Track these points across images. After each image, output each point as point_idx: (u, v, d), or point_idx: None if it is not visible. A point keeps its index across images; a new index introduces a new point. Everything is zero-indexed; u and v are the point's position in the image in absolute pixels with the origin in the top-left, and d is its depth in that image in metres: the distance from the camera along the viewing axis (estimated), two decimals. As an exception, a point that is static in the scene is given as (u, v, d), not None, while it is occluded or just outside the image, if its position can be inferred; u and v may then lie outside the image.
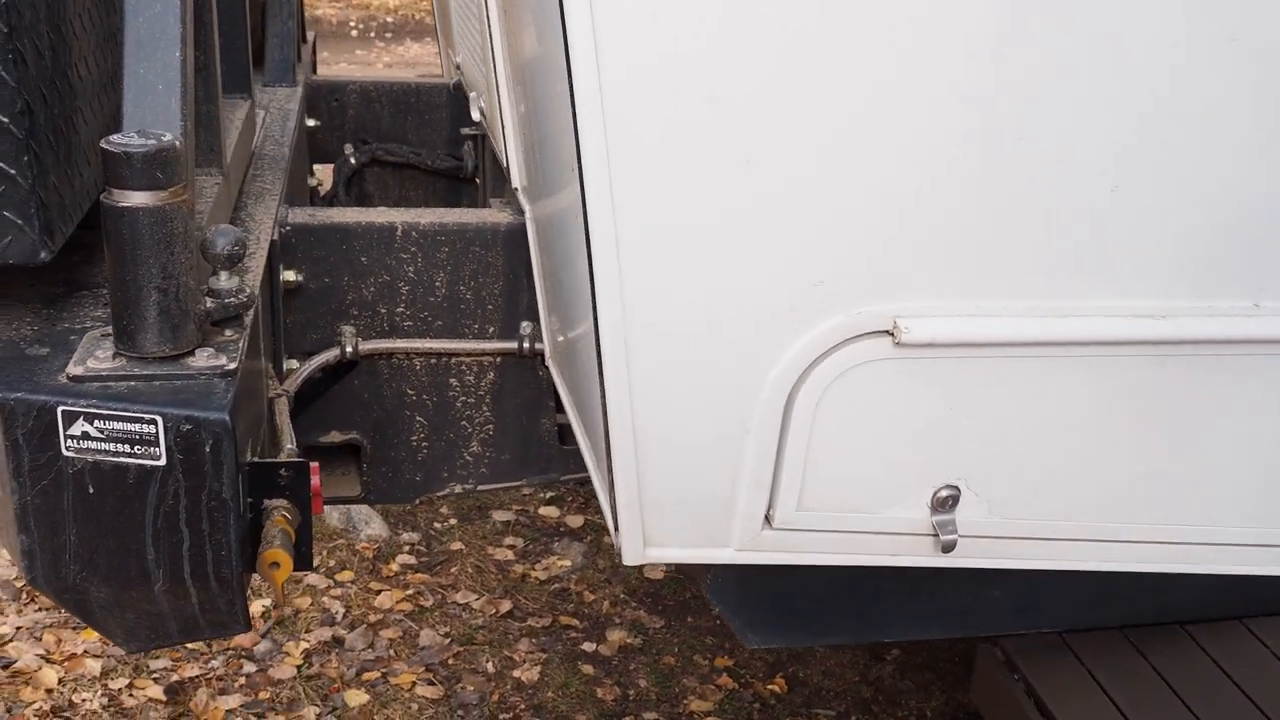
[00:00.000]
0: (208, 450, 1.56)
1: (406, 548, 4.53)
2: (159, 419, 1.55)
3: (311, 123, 3.87)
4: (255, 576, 1.77)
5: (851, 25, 1.51)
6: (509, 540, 4.63)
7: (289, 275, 2.40)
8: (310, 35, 4.62)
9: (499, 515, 4.78)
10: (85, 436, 1.56)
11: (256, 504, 1.81)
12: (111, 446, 1.57)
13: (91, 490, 1.58)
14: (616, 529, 1.78)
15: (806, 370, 1.68)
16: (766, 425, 1.71)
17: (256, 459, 1.87)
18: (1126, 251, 1.70)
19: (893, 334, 1.68)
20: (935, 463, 1.80)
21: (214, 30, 2.07)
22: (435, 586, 4.32)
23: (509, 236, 2.47)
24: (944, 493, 1.82)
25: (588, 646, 4.05)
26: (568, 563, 4.50)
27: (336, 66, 13.60)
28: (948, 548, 1.83)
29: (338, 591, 4.23)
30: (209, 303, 1.70)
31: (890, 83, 1.55)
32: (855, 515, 1.82)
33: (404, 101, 4.05)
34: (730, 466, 1.75)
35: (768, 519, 1.80)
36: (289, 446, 2.10)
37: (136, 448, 1.57)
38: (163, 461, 1.57)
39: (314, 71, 4.62)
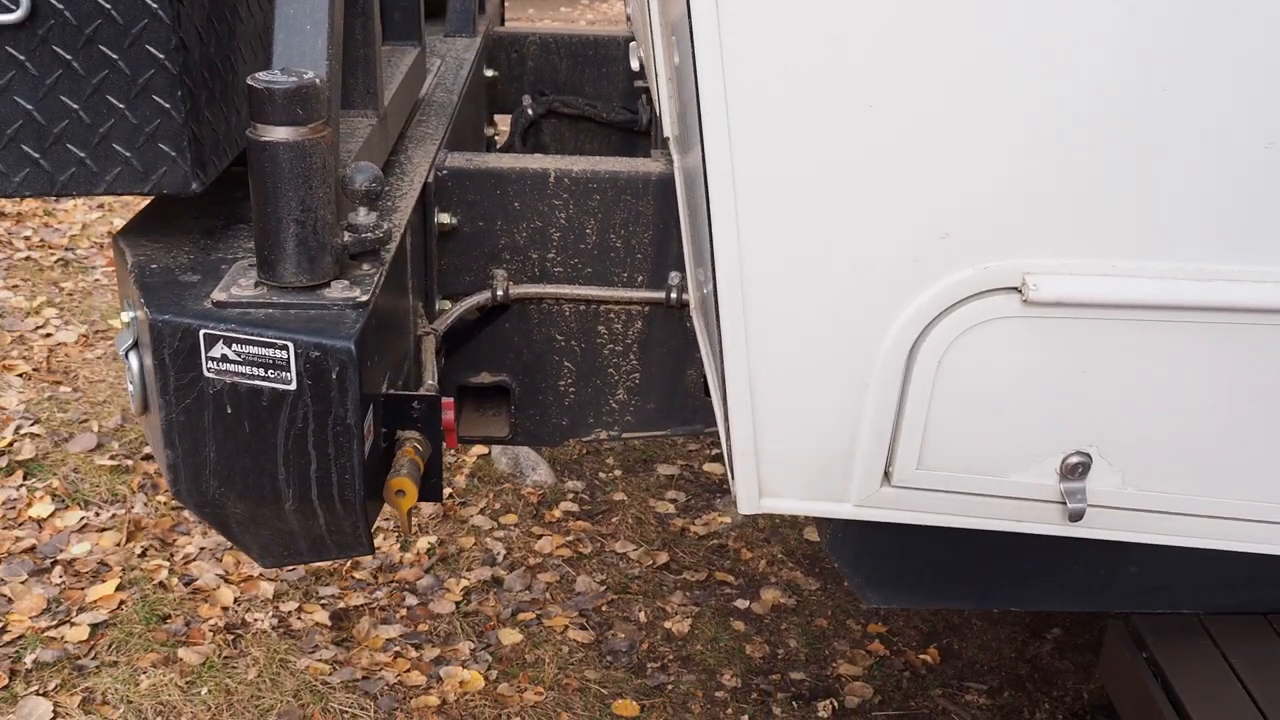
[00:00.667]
0: (334, 377, 1.63)
1: (570, 495, 4.61)
2: (290, 345, 1.62)
3: (490, 73, 3.94)
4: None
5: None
6: (671, 494, 4.67)
7: (444, 218, 2.46)
8: (499, -12, 4.71)
9: (663, 469, 4.82)
10: (224, 359, 1.65)
11: (390, 434, 1.88)
12: (248, 369, 1.65)
13: (229, 410, 1.67)
14: (733, 476, 1.78)
15: (930, 324, 1.65)
16: (887, 379, 1.68)
17: (394, 391, 1.93)
18: (1280, 214, 1.60)
19: (1021, 291, 1.62)
20: (1065, 428, 1.74)
21: (373, -24, 2.13)
22: (595, 535, 4.39)
23: (660, 186, 2.47)
24: (1074, 459, 1.76)
25: (741, 603, 4.06)
26: (728, 520, 4.52)
27: (540, 23, 13.78)
28: (1075, 516, 1.76)
29: (500, 534, 4.34)
30: (347, 237, 1.76)
31: (1023, 23, 1.49)
32: (979, 477, 1.77)
33: (582, 54, 4.08)
34: (849, 419, 1.72)
35: (887, 475, 1.77)
36: (429, 382, 2.16)
37: (270, 371, 1.64)
38: (293, 386, 1.64)
39: (501, 23, 4.70)
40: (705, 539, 4.42)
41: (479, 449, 4.81)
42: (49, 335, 5.39)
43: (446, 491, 4.56)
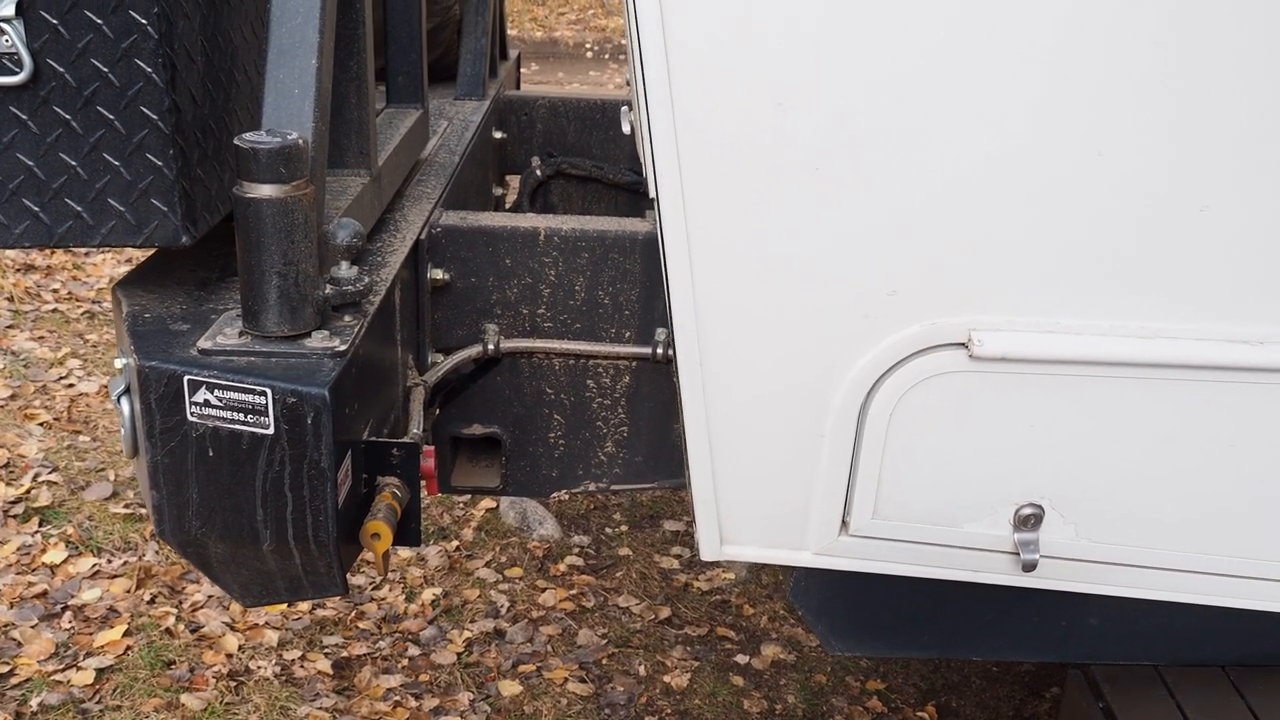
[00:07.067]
0: (309, 422, 1.70)
1: (576, 550, 4.66)
2: (269, 391, 1.70)
3: (499, 135, 4.04)
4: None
5: (914, 36, 1.53)
6: (676, 550, 4.71)
7: (437, 274, 2.53)
8: (514, 53, 4.83)
9: (670, 525, 4.87)
10: (207, 404, 1.73)
11: (371, 480, 1.95)
12: (228, 414, 1.73)
13: (211, 453, 1.74)
14: (694, 523, 1.84)
15: (880, 379, 1.71)
16: (841, 431, 1.74)
17: (373, 438, 2.01)
18: (1218, 274, 1.66)
19: (967, 346, 1.69)
20: (1017, 480, 1.79)
21: (367, 43, 2.22)
22: (599, 589, 4.44)
23: (647, 245, 2.54)
24: (1026, 511, 1.81)
25: (741, 659, 4.09)
26: (731, 576, 4.55)
27: (570, 87, 14.01)
28: (1028, 567, 1.81)
29: (505, 586, 4.40)
30: (328, 289, 1.84)
31: (959, 88, 1.57)
32: (934, 528, 1.82)
33: (589, 117, 4.19)
34: (805, 470, 1.78)
35: (845, 524, 1.83)
36: (414, 431, 2.23)
37: (249, 416, 1.72)
38: (271, 430, 1.72)
39: (517, 87, 4.82)
40: (708, 594, 4.46)
41: (487, 502, 4.87)
42: (71, 386, 5.51)
43: (454, 544, 4.62)
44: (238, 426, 1.73)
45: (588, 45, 16.85)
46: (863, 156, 1.59)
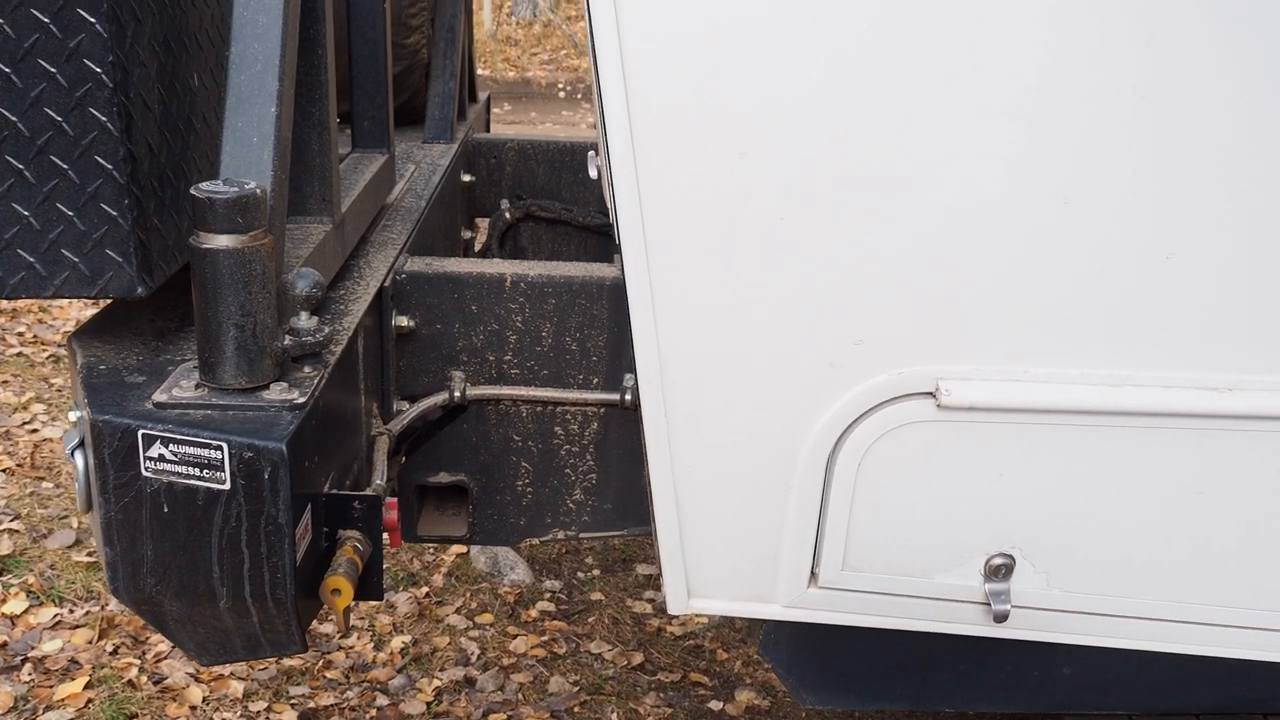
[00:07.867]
0: (266, 477, 1.66)
1: (548, 595, 4.61)
2: (225, 445, 1.66)
3: (467, 178, 4.03)
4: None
5: (880, 89, 1.52)
6: (649, 594, 4.66)
7: (402, 321, 2.51)
8: (483, 95, 4.83)
9: (643, 569, 4.82)
10: (162, 459, 1.69)
11: (332, 533, 1.91)
12: (184, 469, 1.69)
13: (166, 509, 1.70)
14: (662, 576, 1.81)
15: (847, 429, 1.69)
16: (809, 482, 1.72)
17: (334, 491, 1.97)
18: (1186, 320, 1.65)
19: (935, 396, 1.67)
20: (987, 530, 1.77)
21: (329, 89, 2.20)
22: (571, 635, 4.39)
23: (614, 290, 2.52)
24: (997, 561, 1.79)
25: (714, 705, 4.04)
26: (705, 620, 4.51)
27: (542, 127, 14.05)
28: (1000, 618, 1.79)
29: (475, 633, 4.34)
30: (288, 340, 1.81)
31: (927, 143, 1.56)
32: (904, 579, 1.80)
33: (558, 159, 4.18)
34: (774, 522, 1.76)
35: (814, 576, 1.80)
36: (377, 482, 2.20)
37: (205, 471, 1.68)
38: (227, 485, 1.68)
39: (486, 129, 4.81)
40: (681, 639, 4.41)
41: (458, 547, 4.82)
42: (35, 431, 5.44)
43: (424, 590, 4.56)
44: (193, 482, 1.69)
45: (560, 85, 16.90)
46: (828, 207, 1.58)
